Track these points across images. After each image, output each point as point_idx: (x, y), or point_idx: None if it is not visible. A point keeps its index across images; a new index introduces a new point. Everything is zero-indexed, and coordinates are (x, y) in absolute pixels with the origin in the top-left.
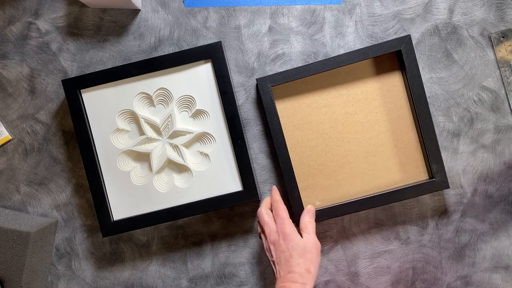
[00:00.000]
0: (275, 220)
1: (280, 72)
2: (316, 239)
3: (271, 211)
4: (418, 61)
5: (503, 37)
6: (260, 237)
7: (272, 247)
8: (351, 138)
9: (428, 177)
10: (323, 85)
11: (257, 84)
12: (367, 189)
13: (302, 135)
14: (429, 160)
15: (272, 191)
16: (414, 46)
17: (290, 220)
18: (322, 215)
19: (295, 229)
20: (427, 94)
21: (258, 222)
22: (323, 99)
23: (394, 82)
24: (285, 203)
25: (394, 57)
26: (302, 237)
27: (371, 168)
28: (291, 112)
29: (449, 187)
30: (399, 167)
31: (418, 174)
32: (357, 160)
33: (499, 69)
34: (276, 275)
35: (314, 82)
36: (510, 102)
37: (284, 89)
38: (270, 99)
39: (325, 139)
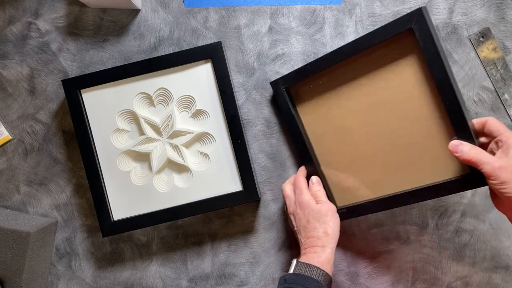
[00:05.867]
0: (295, 193)
1: (293, 71)
2: (329, 203)
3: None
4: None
5: (482, 37)
6: (287, 214)
7: (292, 218)
8: (377, 130)
9: (460, 172)
10: (338, 79)
11: (272, 87)
12: (400, 184)
13: (324, 131)
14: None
15: (299, 169)
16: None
17: (308, 191)
18: (355, 211)
19: (311, 198)
20: None
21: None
22: (344, 94)
23: (411, 66)
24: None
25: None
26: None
27: (401, 161)
28: (311, 110)
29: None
30: (431, 160)
31: (449, 167)
32: (386, 154)
33: (485, 69)
34: (299, 243)
35: (326, 77)
36: (501, 99)
37: (299, 88)
38: (285, 102)
39: (350, 134)
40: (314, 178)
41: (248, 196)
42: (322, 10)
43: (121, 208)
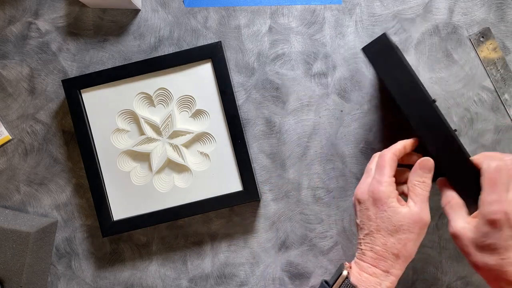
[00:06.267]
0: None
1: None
2: (424, 211)
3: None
4: (418, 61)
5: (482, 37)
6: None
7: (357, 206)
8: None
9: None
10: None
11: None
12: None
13: None
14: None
15: (399, 143)
16: (414, 46)
17: (393, 179)
18: None
19: (395, 192)
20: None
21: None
22: None
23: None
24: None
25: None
26: (404, 204)
27: None
28: None
29: None
30: None
31: None
32: None
33: (485, 69)
34: (358, 234)
35: None
36: (501, 99)
37: None
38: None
39: None
40: (425, 161)
41: (248, 196)
42: (322, 10)
43: (121, 208)
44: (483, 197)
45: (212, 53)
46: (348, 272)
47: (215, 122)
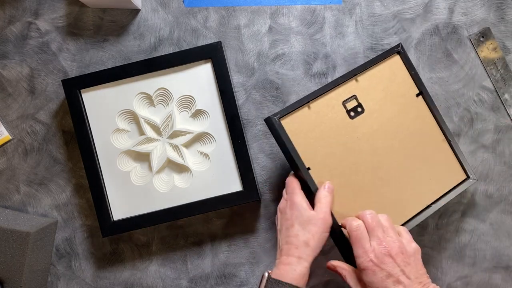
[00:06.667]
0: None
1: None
2: (328, 215)
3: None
4: (418, 61)
5: (482, 37)
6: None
7: (279, 215)
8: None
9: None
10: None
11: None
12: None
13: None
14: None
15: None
16: (414, 46)
17: (303, 193)
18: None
19: (305, 201)
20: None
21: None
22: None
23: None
24: None
25: None
26: (312, 210)
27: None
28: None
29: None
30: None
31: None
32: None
33: (485, 69)
34: (277, 247)
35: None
36: (502, 99)
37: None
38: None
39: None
40: (328, 183)
41: (248, 196)
42: (322, 10)
43: (121, 208)
44: (354, 253)
45: (212, 53)
46: (268, 272)
47: (215, 122)
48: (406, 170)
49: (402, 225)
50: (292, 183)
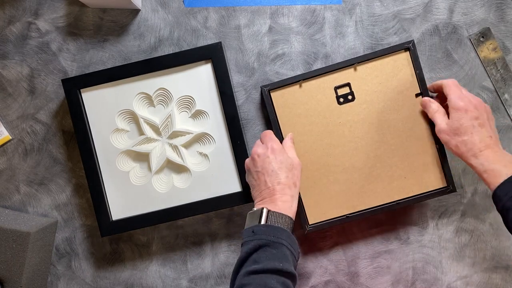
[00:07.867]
0: (263, 141)
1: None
2: (298, 160)
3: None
4: (420, 59)
5: (482, 37)
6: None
7: (257, 159)
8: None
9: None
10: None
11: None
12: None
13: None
14: None
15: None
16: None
17: (279, 141)
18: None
19: (283, 148)
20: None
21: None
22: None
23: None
24: None
25: None
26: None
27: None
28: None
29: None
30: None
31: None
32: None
33: (485, 69)
34: (258, 186)
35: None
36: (501, 99)
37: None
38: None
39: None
40: (290, 134)
41: (248, 196)
42: (322, 10)
43: (120, 208)
44: (450, 98)
45: (212, 54)
46: (267, 208)
47: (215, 123)
48: (382, 163)
49: (361, 213)
50: (269, 132)
